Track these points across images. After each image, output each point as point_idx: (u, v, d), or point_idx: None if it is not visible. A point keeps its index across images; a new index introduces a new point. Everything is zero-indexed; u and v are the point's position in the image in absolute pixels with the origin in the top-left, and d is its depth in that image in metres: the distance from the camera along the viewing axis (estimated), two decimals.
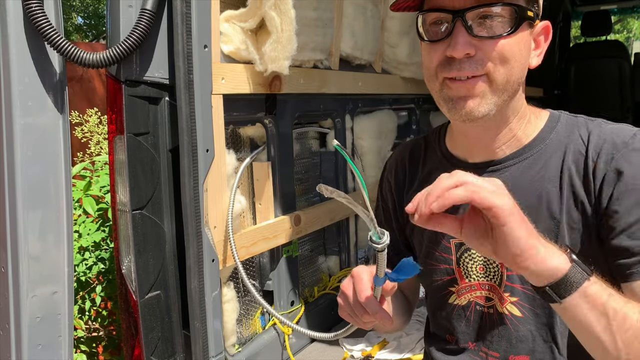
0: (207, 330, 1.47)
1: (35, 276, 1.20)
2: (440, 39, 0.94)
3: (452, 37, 0.92)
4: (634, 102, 5.02)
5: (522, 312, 1.04)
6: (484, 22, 0.91)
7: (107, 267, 2.29)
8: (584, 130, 1.00)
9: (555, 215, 0.99)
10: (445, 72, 0.95)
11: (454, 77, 0.94)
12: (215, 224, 1.53)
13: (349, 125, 2.27)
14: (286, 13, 1.56)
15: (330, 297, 2.24)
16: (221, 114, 1.52)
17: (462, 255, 1.10)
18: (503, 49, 0.92)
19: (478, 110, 0.95)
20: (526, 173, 1.02)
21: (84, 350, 2.31)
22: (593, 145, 0.97)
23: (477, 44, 0.92)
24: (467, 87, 0.94)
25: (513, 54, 0.93)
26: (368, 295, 0.87)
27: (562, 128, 1.03)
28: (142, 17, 1.26)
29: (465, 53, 0.91)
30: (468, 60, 0.92)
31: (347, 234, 2.36)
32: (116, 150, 1.36)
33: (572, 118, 1.05)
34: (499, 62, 0.93)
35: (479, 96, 0.94)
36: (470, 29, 0.91)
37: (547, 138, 1.03)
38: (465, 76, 0.93)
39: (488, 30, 0.92)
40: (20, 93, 1.15)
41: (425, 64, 0.99)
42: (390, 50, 2.46)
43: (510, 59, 0.93)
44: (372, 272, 0.88)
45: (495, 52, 0.92)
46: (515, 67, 0.95)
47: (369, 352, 1.93)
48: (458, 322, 1.12)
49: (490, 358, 1.08)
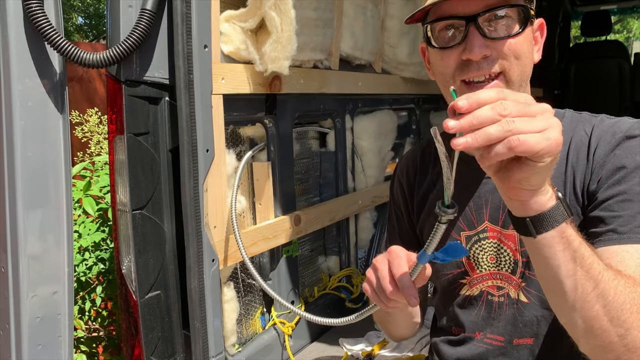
0: (207, 330, 1.47)
1: (35, 276, 1.20)
2: (455, 44, 0.98)
3: (467, 42, 0.96)
4: (633, 102, 5.03)
5: (528, 297, 1.07)
6: (495, 24, 0.97)
7: (107, 267, 2.29)
8: (588, 124, 1.05)
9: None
10: (463, 74, 0.99)
11: (472, 81, 0.98)
12: (215, 224, 1.53)
13: (349, 125, 2.27)
14: (286, 13, 1.56)
15: (330, 297, 2.24)
16: (221, 114, 1.52)
17: (472, 246, 1.12)
18: (516, 46, 0.97)
19: None
20: None
21: (84, 350, 2.31)
22: (595, 136, 1.02)
23: (490, 44, 0.96)
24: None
25: (524, 50, 0.98)
26: (404, 271, 0.88)
27: (567, 123, 1.06)
28: (142, 17, 1.26)
29: (482, 55, 0.96)
30: (485, 60, 0.97)
31: (347, 234, 2.36)
32: (116, 150, 1.36)
33: (576, 114, 1.09)
34: (514, 59, 0.97)
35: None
36: (483, 31, 0.96)
37: None
38: (483, 77, 0.97)
39: (500, 31, 0.97)
40: (20, 93, 1.15)
41: (440, 70, 1.02)
42: (390, 50, 2.46)
43: (522, 55, 0.98)
44: (408, 254, 0.88)
45: (509, 50, 0.97)
46: (527, 63, 1.00)
47: (369, 352, 1.93)
48: (468, 312, 1.14)
49: (496, 342, 1.10)
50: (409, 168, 1.27)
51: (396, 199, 1.30)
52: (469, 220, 1.13)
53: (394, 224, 1.31)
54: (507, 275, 1.10)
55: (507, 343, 1.09)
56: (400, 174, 1.29)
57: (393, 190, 1.32)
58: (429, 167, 1.23)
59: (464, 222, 1.14)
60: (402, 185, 1.28)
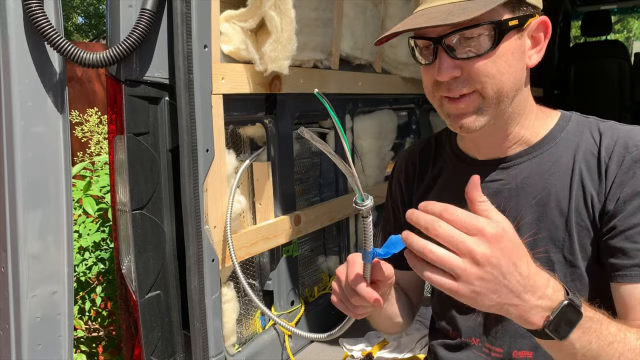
0: (207, 330, 1.47)
1: (35, 276, 1.20)
2: (430, 62, 0.98)
3: (436, 63, 0.96)
4: (634, 102, 5.03)
5: None
6: (465, 42, 0.93)
7: (107, 267, 2.29)
8: (596, 131, 1.01)
9: (564, 213, 1.00)
10: (439, 91, 0.99)
11: (449, 97, 0.97)
12: (215, 224, 1.53)
13: (349, 125, 2.27)
14: (286, 13, 1.56)
15: (330, 297, 2.24)
16: (221, 114, 1.52)
17: None
18: (487, 66, 0.94)
19: (474, 124, 0.98)
20: (535, 170, 1.03)
21: (84, 350, 2.31)
22: (605, 146, 0.98)
23: (461, 64, 0.94)
24: (460, 107, 0.97)
25: (498, 68, 0.94)
26: (358, 276, 0.88)
27: (573, 128, 1.04)
28: (142, 17, 1.26)
29: (450, 76, 0.94)
30: (455, 81, 0.95)
31: (347, 234, 2.36)
32: (116, 150, 1.36)
33: (583, 118, 1.06)
34: (486, 78, 0.94)
35: (473, 112, 0.97)
36: (453, 51, 0.94)
37: (558, 137, 1.04)
38: (458, 95, 0.96)
39: (470, 50, 0.93)
40: (20, 93, 1.15)
41: (424, 84, 1.04)
42: (390, 50, 2.46)
43: (496, 73, 0.94)
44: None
45: (479, 70, 0.94)
46: (505, 78, 0.95)
47: (369, 352, 1.93)
48: (465, 317, 1.13)
49: (494, 354, 1.08)
50: (408, 166, 1.27)
51: (394, 195, 1.29)
52: None
53: (390, 219, 1.31)
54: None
55: (506, 354, 1.07)
56: (399, 170, 1.29)
57: (392, 186, 1.31)
58: (428, 166, 1.22)
59: None
60: (400, 182, 1.27)
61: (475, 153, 1.11)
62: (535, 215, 1.02)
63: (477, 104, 0.96)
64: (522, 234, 1.03)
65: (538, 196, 1.02)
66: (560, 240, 1.00)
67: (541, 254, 1.02)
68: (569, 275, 1.00)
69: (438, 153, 1.21)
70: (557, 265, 1.01)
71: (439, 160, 1.20)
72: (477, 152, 1.10)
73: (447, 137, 1.20)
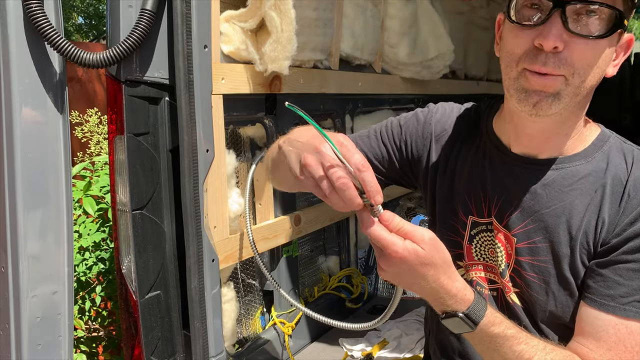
0: (207, 330, 1.47)
1: (35, 276, 1.20)
2: (533, 25, 0.90)
3: (545, 26, 0.88)
4: (634, 102, 5.02)
5: (521, 302, 1.08)
6: (581, 19, 0.89)
7: (107, 267, 2.29)
8: (630, 157, 1.00)
9: (572, 230, 1.00)
10: (527, 63, 0.91)
11: (534, 71, 0.91)
12: (215, 224, 1.53)
13: (349, 125, 2.27)
14: (286, 13, 1.56)
15: (330, 297, 2.24)
16: (221, 114, 1.52)
17: (477, 234, 1.11)
18: (588, 52, 0.90)
19: (549, 108, 0.93)
20: (558, 181, 1.02)
21: (84, 350, 2.31)
22: (634, 177, 0.97)
23: (567, 39, 0.88)
24: (544, 83, 0.91)
25: (595, 59, 0.91)
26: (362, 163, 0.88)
27: (608, 149, 1.02)
28: (142, 17, 1.26)
29: (554, 46, 0.88)
30: (554, 56, 0.89)
31: (347, 234, 2.36)
32: (116, 150, 1.36)
33: (620, 142, 1.04)
34: (581, 64, 0.90)
35: (553, 95, 0.92)
36: (566, 22, 0.88)
37: (591, 156, 1.02)
38: (548, 72, 0.90)
39: (583, 28, 0.89)
40: (20, 93, 1.15)
41: (508, 48, 0.95)
42: (390, 50, 2.46)
43: (591, 63, 0.91)
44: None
45: (581, 52, 0.89)
46: (595, 72, 0.93)
47: (369, 352, 1.93)
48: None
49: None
50: (443, 121, 1.19)
51: (411, 130, 1.21)
52: (479, 207, 1.10)
53: (378, 137, 1.25)
54: (497, 273, 1.10)
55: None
56: (437, 125, 1.20)
57: (410, 123, 1.22)
58: (458, 135, 1.16)
59: (474, 206, 1.11)
60: (429, 134, 1.19)
61: (510, 143, 1.07)
62: (542, 224, 1.03)
63: (559, 88, 0.92)
64: (528, 238, 1.05)
65: (552, 207, 1.01)
66: (561, 255, 1.01)
67: (541, 263, 1.04)
68: (563, 290, 1.02)
69: (471, 127, 1.16)
70: (552, 277, 1.03)
71: (470, 136, 1.15)
72: (512, 142, 1.06)
73: (486, 115, 1.14)
